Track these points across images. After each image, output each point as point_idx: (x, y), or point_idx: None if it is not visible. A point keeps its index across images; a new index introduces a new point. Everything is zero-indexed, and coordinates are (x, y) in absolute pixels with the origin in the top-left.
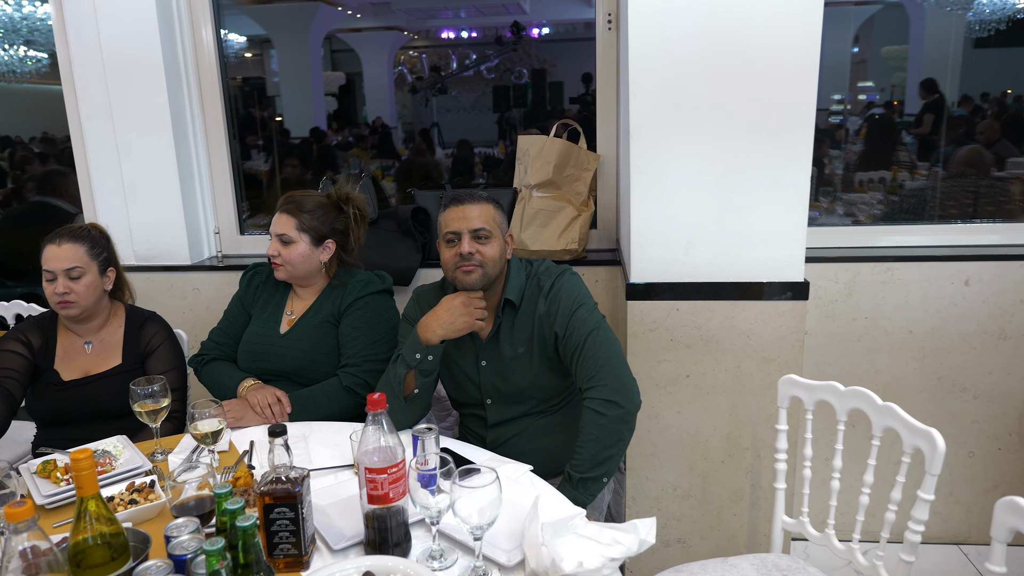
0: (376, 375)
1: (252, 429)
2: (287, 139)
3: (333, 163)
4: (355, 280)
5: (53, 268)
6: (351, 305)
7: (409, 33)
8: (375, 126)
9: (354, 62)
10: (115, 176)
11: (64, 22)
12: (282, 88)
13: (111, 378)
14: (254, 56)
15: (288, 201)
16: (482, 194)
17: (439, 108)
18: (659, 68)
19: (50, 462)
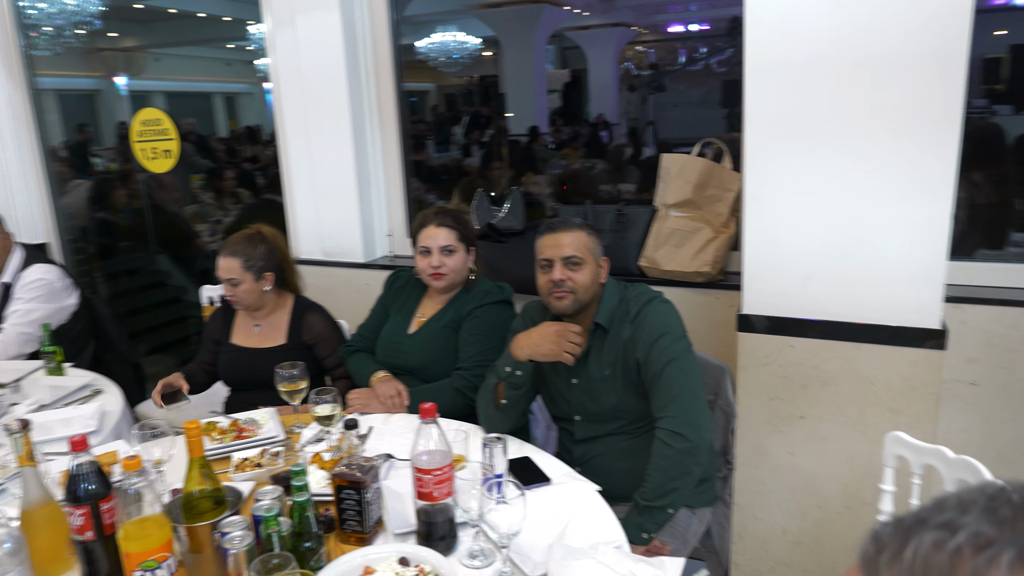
0: (483, 379)
1: (377, 415)
2: (504, 137)
3: (533, 163)
4: (478, 289)
5: (219, 276)
6: (471, 313)
7: (636, 29)
8: (596, 123)
9: (582, 59)
10: (309, 183)
11: (276, 54)
12: (508, 87)
13: (274, 353)
14: (494, 55)
15: (443, 214)
16: (576, 221)
17: (663, 104)
18: (776, 78)
19: (211, 423)
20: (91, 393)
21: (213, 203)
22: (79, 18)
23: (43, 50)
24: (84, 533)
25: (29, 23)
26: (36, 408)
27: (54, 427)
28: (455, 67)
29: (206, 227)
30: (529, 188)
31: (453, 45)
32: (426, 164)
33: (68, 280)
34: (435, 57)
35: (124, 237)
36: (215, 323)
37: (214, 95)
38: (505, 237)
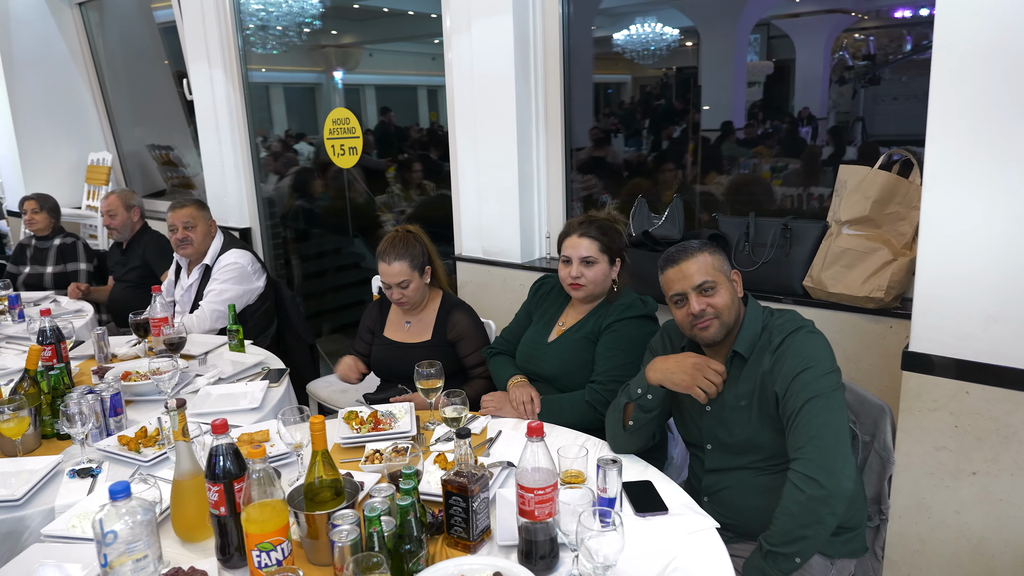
0: (615, 394)
1: (508, 420)
2: (696, 133)
3: (718, 163)
4: (620, 302)
5: (389, 282)
6: (610, 326)
7: (855, 14)
8: (800, 118)
9: (791, 49)
10: (474, 183)
11: (452, 54)
12: (704, 79)
13: (420, 349)
14: (693, 45)
15: (588, 223)
16: (694, 244)
17: (880, 97)
18: (971, 75)
19: (353, 412)
20: (262, 371)
21: (400, 193)
22: (301, 19)
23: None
24: (219, 508)
25: (257, 24)
26: (216, 380)
27: (224, 401)
28: (652, 59)
29: (391, 216)
30: (712, 189)
31: (650, 36)
32: (608, 160)
33: (258, 265)
34: (632, 49)
35: (321, 223)
36: (371, 315)
37: (419, 88)
38: (661, 246)
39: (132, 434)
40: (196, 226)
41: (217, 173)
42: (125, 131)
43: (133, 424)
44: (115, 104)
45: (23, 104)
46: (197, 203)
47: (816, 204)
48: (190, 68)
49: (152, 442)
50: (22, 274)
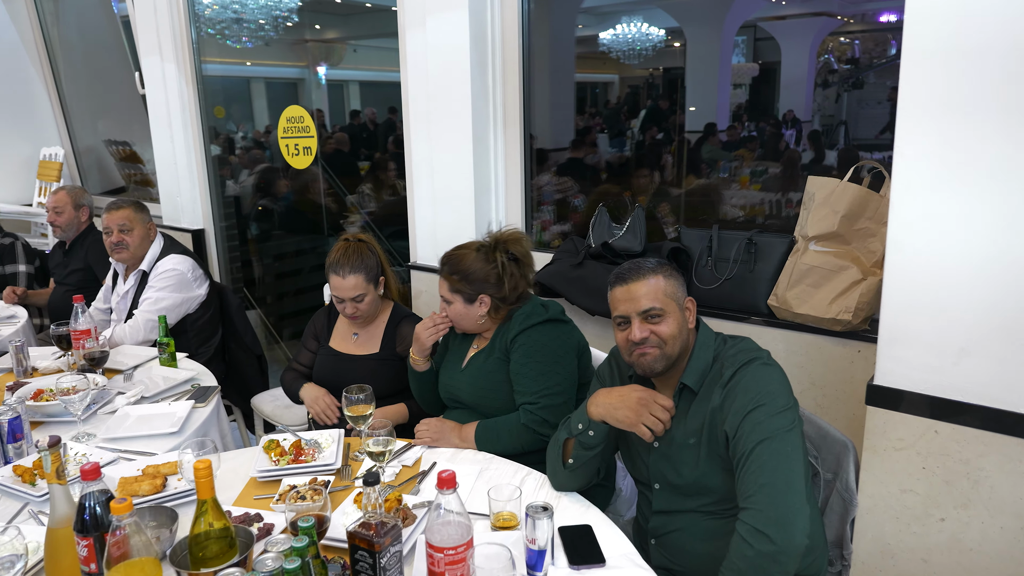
0: (553, 410)
1: (444, 450)
2: (681, 134)
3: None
4: (518, 313)
5: (342, 296)
6: (514, 341)
7: (842, 18)
8: (784, 120)
9: (776, 51)
10: (428, 188)
11: (406, 52)
12: (690, 80)
13: (367, 361)
14: (679, 46)
15: (442, 263)
16: (649, 264)
17: (865, 101)
18: (942, 77)
19: (274, 441)
20: (191, 388)
21: (371, 194)
22: (278, 12)
23: (245, 42)
24: (88, 565)
25: (231, 17)
26: (137, 400)
27: (141, 424)
28: (638, 59)
29: (357, 218)
30: (687, 194)
31: (636, 36)
32: (586, 161)
33: (200, 271)
34: (617, 48)
35: (289, 222)
36: (318, 322)
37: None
38: (620, 258)
39: (31, 463)
40: (133, 229)
41: (170, 172)
42: (82, 125)
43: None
44: (71, 97)
45: None
46: (135, 204)
47: (792, 213)
48: (142, 61)
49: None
50: None
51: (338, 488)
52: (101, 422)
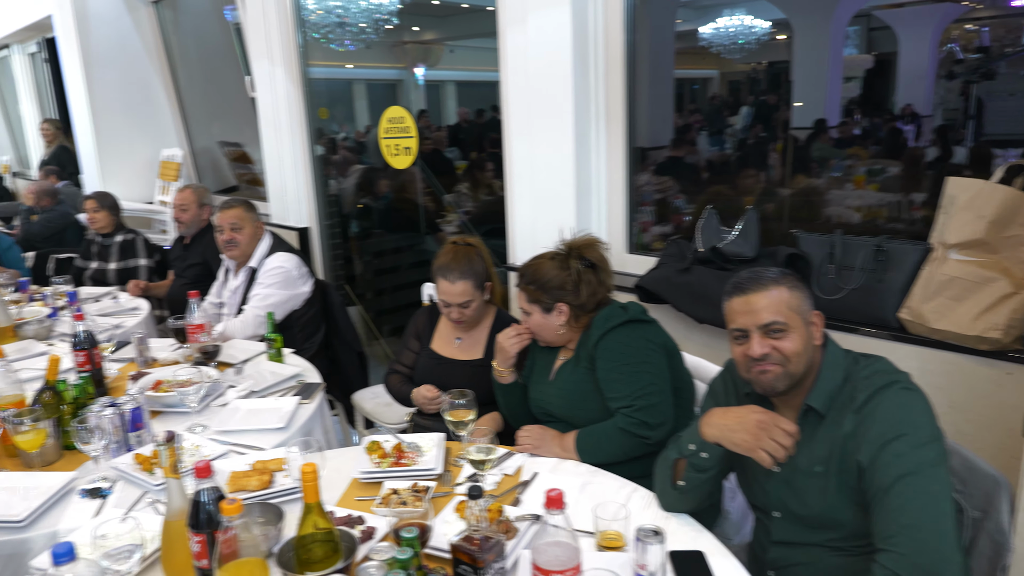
0: (650, 410)
1: (547, 460)
2: (786, 131)
3: (805, 165)
4: (597, 319)
5: (449, 301)
6: (597, 346)
7: (967, 3)
8: (903, 115)
9: (893, 41)
10: (528, 188)
11: (505, 51)
12: (797, 74)
13: (469, 367)
14: (785, 38)
15: (519, 274)
16: (771, 274)
17: (995, 93)
18: None
19: (376, 442)
20: (297, 384)
21: (468, 193)
22: (379, 15)
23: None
24: (201, 560)
25: (335, 21)
26: (247, 394)
27: (250, 418)
28: (740, 53)
29: (455, 218)
30: (799, 195)
31: (739, 29)
32: (686, 160)
33: (305, 268)
34: (719, 43)
35: (389, 221)
36: (419, 322)
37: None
38: (732, 264)
39: (149, 452)
40: (243, 228)
41: (278, 172)
42: (198, 128)
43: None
44: (188, 101)
45: (101, 101)
46: (245, 204)
47: (917, 216)
48: (253, 65)
49: None
50: (89, 269)
51: (439, 494)
52: (214, 414)
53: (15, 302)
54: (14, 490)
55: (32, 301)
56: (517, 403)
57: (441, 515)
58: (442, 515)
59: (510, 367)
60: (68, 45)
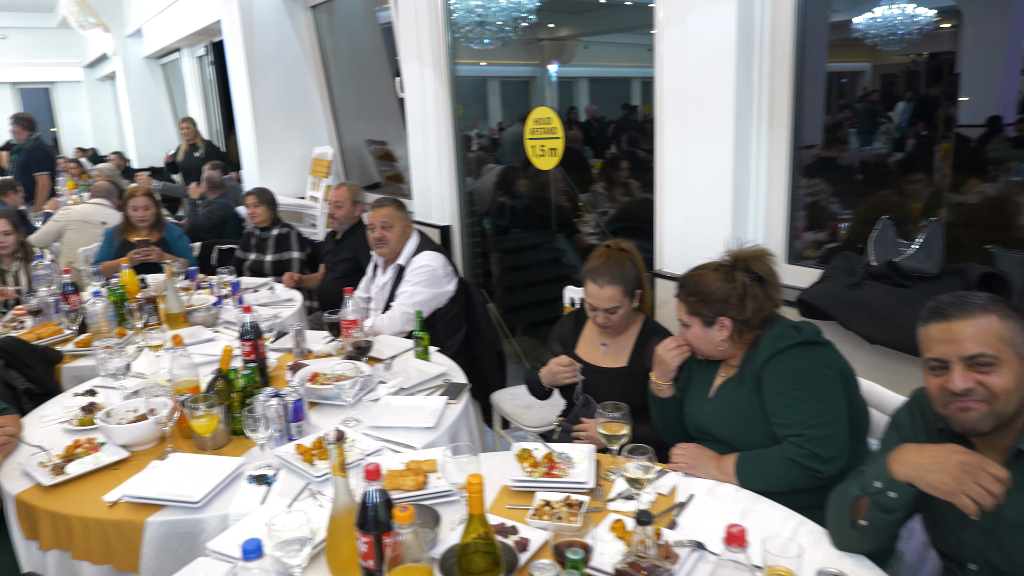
0: (822, 442)
1: (703, 481)
2: (951, 130)
3: (980, 168)
4: (766, 337)
5: (596, 305)
6: (765, 367)
7: None
8: None
9: None
10: (680, 193)
11: (662, 49)
12: (965, 66)
13: (614, 375)
14: (951, 27)
15: (679, 284)
16: (979, 300)
17: None
18: None
19: (526, 450)
20: (443, 384)
21: (604, 193)
22: (518, 13)
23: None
24: (367, 560)
25: (475, 20)
26: (396, 391)
27: (401, 415)
28: (899, 44)
29: (591, 218)
30: (973, 203)
31: (900, 19)
32: (839, 162)
33: (450, 268)
34: (875, 34)
35: (522, 219)
36: (564, 326)
37: (633, 80)
38: (910, 281)
39: (310, 443)
40: (393, 226)
41: (422, 170)
42: (346, 126)
43: (314, 429)
44: (338, 101)
45: (262, 102)
46: (396, 203)
47: None
48: (403, 67)
49: (326, 455)
50: (248, 260)
51: (592, 509)
52: (366, 409)
53: (184, 289)
54: (189, 470)
55: (199, 289)
56: (672, 418)
57: (595, 532)
58: (597, 532)
59: (669, 381)
60: (234, 48)
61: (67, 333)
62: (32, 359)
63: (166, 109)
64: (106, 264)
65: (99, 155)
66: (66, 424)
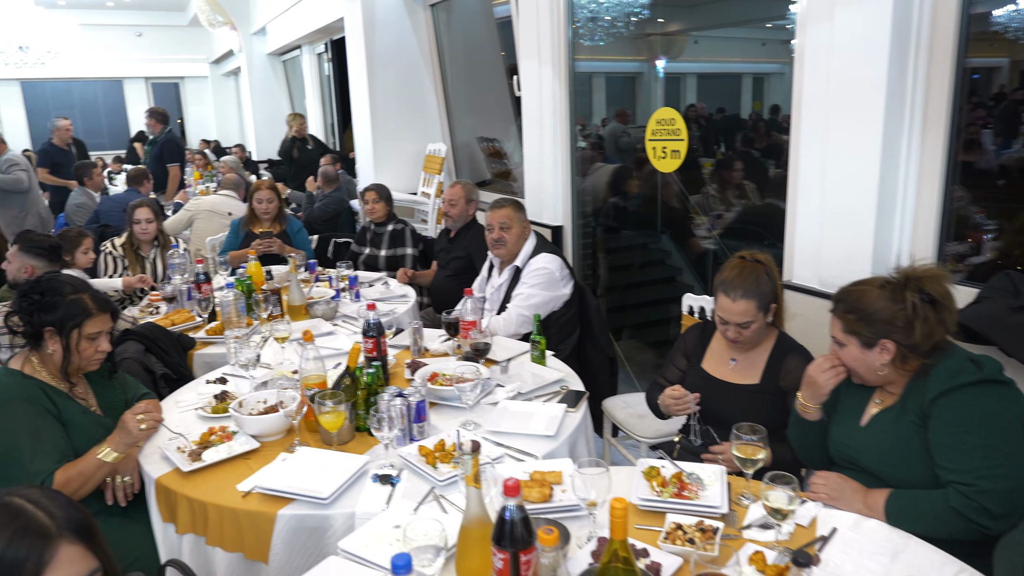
0: (996, 496)
1: (846, 515)
2: None
3: None
4: (938, 370)
5: (728, 319)
6: (935, 403)
7: None
8: None
9: None
10: (817, 202)
11: (804, 48)
12: None
13: (744, 392)
14: None
15: (836, 299)
16: None
17: None
18: None
19: (654, 468)
20: (561, 390)
21: (716, 195)
22: (631, 9)
23: (596, 39)
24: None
25: (587, 16)
26: (514, 395)
27: (520, 421)
28: None
29: (705, 220)
30: None
31: None
32: (978, 166)
33: (567, 271)
34: (1018, 27)
35: (630, 219)
36: (689, 339)
37: (743, 76)
38: None
39: (432, 445)
40: (511, 227)
41: (536, 169)
42: (459, 123)
43: (434, 430)
44: (452, 98)
45: (379, 99)
46: (515, 204)
47: None
48: (521, 65)
49: (448, 458)
50: (363, 254)
51: (727, 536)
52: (485, 412)
53: (304, 282)
54: (317, 465)
55: (318, 282)
56: (816, 443)
57: (733, 563)
58: (735, 564)
59: (819, 404)
60: (355, 46)
61: (198, 320)
62: (169, 345)
63: (285, 103)
64: (232, 253)
65: (221, 147)
66: (200, 411)
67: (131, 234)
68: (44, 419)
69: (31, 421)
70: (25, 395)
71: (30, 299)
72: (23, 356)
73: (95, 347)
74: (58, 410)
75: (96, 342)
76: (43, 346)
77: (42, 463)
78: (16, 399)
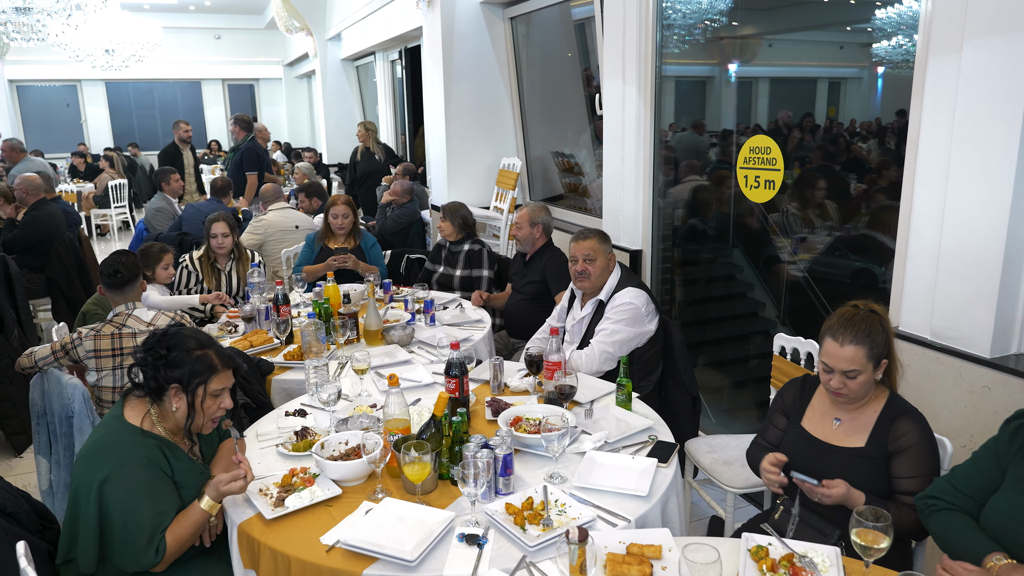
0: None
1: None
2: None
3: None
4: None
5: (832, 366)
6: None
7: None
8: None
9: None
10: (933, 242)
11: (927, 80)
12: None
13: (848, 455)
14: None
15: None
16: None
17: None
18: None
19: (763, 549)
20: (650, 440)
21: (797, 214)
22: (710, 15)
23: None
24: None
25: (667, 23)
26: (601, 445)
27: (609, 476)
28: None
29: (787, 243)
30: None
31: None
32: None
33: (652, 306)
34: None
35: (705, 237)
36: (790, 394)
37: (819, 80)
38: None
39: (519, 502)
40: (596, 259)
41: (616, 190)
42: (535, 137)
43: (518, 480)
44: (527, 110)
45: (455, 112)
46: (600, 235)
47: None
48: (604, 84)
49: (537, 519)
50: (437, 273)
51: None
52: (570, 463)
53: (379, 302)
54: (400, 520)
55: (392, 302)
56: (963, 525)
57: None
58: None
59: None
60: (432, 57)
61: (276, 343)
62: (249, 372)
63: (356, 109)
64: (307, 268)
65: (291, 148)
66: (281, 447)
67: (208, 247)
68: (161, 481)
69: (151, 485)
70: (146, 458)
71: (156, 353)
72: (142, 408)
73: (218, 404)
74: (172, 471)
75: (220, 399)
76: (165, 401)
77: (157, 528)
78: (137, 464)
